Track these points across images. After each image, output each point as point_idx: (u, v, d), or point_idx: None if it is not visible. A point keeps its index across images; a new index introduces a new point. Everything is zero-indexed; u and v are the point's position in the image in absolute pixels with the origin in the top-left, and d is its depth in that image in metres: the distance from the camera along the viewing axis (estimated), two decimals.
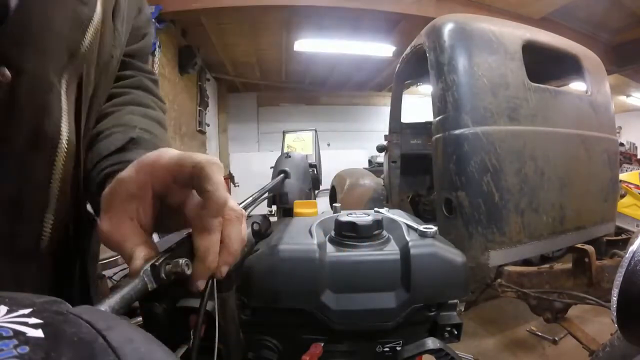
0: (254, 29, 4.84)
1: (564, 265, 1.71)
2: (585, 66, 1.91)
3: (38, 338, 0.12)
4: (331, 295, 0.41)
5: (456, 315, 0.45)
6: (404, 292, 0.41)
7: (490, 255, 1.48)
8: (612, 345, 0.90)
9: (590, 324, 1.87)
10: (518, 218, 1.51)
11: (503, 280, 1.62)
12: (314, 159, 1.70)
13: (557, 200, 1.62)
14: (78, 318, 0.14)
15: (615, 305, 0.39)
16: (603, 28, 4.58)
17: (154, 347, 0.14)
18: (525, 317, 1.96)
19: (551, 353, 1.85)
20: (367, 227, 0.44)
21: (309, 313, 0.41)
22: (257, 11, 4.12)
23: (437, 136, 1.61)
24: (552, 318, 1.60)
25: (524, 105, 1.57)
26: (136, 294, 0.25)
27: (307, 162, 1.35)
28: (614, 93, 2.61)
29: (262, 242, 0.46)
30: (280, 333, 0.43)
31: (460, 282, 0.43)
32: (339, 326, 0.41)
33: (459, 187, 1.50)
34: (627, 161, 5.65)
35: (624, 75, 5.63)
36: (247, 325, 0.43)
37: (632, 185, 2.63)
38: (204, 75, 5.79)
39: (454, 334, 0.45)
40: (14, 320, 0.13)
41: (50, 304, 0.15)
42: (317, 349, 0.41)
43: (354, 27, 4.55)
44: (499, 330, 2.08)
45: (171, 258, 0.28)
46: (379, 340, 0.43)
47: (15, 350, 0.11)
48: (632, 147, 7.62)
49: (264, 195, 0.77)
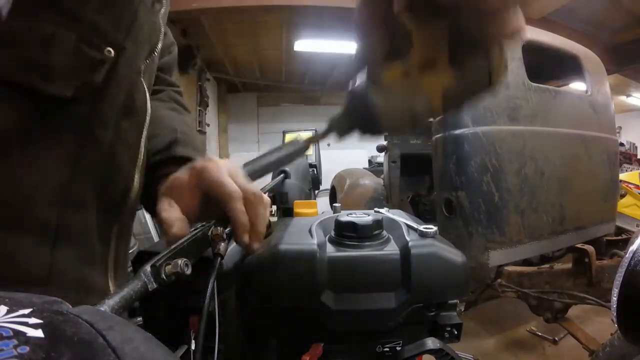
0: (254, 29, 4.84)
1: (564, 265, 1.71)
2: (585, 66, 1.91)
3: (38, 338, 0.12)
4: (331, 295, 0.41)
5: (456, 315, 0.45)
6: (404, 292, 0.41)
7: (490, 255, 1.48)
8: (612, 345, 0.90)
9: (590, 324, 1.87)
10: (518, 218, 1.51)
11: (503, 280, 1.62)
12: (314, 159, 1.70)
13: (557, 200, 1.63)
14: (78, 318, 0.14)
15: (615, 305, 0.39)
16: (603, 28, 4.58)
17: (154, 347, 0.14)
18: (525, 317, 1.96)
19: (551, 353, 1.85)
20: (367, 227, 0.44)
21: (309, 313, 0.41)
22: (257, 11, 4.12)
23: (437, 136, 1.61)
24: (552, 318, 1.60)
25: (524, 105, 1.57)
26: (136, 294, 0.25)
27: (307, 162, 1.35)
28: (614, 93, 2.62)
29: (262, 242, 0.46)
30: (280, 333, 0.43)
31: (460, 282, 0.43)
32: (339, 326, 0.41)
33: (459, 187, 1.50)
34: (627, 161, 5.65)
35: (624, 75, 5.63)
36: (247, 325, 0.43)
37: (632, 185, 2.63)
38: (203, 75, 5.79)
39: (454, 334, 0.45)
40: (14, 320, 0.13)
41: (51, 304, 0.15)
42: (317, 349, 0.41)
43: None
44: (499, 330, 2.08)
45: (173, 258, 0.28)
46: (379, 340, 0.43)
47: (16, 350, 0.11)
48: (632, 147, 7.62)
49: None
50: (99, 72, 0.33)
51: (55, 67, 0.30)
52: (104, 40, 0.33)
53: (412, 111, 0.27)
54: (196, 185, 0.38)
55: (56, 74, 0.30)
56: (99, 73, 0.33)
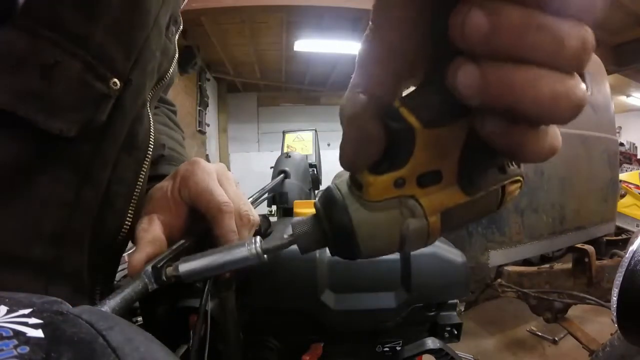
0: (254, 29, 4.84)
1: (564, 265, 1.71)
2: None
3: (38, 338, 0.12)
4: (331, 295, 0.41)
5: (456, 315, 0.45)
6: (404, 292, 0.41)
7: (490, 255, 1.48)
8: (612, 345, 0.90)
9: (590, 324, 1.87)
10: (518, 218, 1.51)
11: (503, 280, 1.62)
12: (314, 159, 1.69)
13: (557, 200, 1.63)
14: (78, 318, 0.14)
15: (615, 305, 0.39)
16: (603, 28, 4.57)
17: (154, 347, 0.14)
18: (525, 317, 1.96)
19: (551, 353, 1.85)
20: None
21: (309, 313, 0.41)
22: (257, 11, 4.12)
23: None
24: (552, 318, 1.60)
25: None
26: (136, 294, 0.25)
27: (307, 162, 1.34)
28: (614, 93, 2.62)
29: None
30: (280, 333, 0.43)
31: (460, 282, 0.43)
32: (338, 326, 0.41)
33: None
34: (627, 161, 5.66)
35: (624, 75, 5.63)
36: (247, 325, 0.43)
37: (632, 185, 2.63)
38: (203, 75, 5.79)
39: (454, 334, 0.45)
40: (14, 320, 0.13)
41: (51, 304, 0.15)
42: (317, 349, 0.41)
43: (354, 27, 4.55)
44: (499, 330, 2.08)
45: (173, 260, 0.28)
46: (379, 340, 0.43)
47: (16, 350, 0.11)
48: (632, 147, 7.62)
49: (264, 195, 0.77)
50: (104, 109, 0.30)
51: (58, 101, 0.27)
52: (110, 69, 0.30)
53: (401, 234, 0.20)
54: (180, 194, 0.34)
55: (58, 109, 0.27)
56: (103, 109, 0.30)
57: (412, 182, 0.19)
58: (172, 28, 0.41)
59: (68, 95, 0.27)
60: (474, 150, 0.18)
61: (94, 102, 0.29)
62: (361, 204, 0.20)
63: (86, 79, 0.28)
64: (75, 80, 0.28)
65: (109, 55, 0.30)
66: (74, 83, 0.28)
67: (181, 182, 0.34)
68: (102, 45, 0.29)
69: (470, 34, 0.13)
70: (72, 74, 0.27)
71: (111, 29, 0.29)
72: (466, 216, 0.21)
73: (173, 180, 0.35)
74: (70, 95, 0.28)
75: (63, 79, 0.27)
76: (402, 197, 0.20)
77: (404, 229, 0.20)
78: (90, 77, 0.28)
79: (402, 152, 0.18)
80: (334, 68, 6.37)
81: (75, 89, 0.28)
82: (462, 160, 0.19)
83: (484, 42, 0.13)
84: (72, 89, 0.28)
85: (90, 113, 0.29)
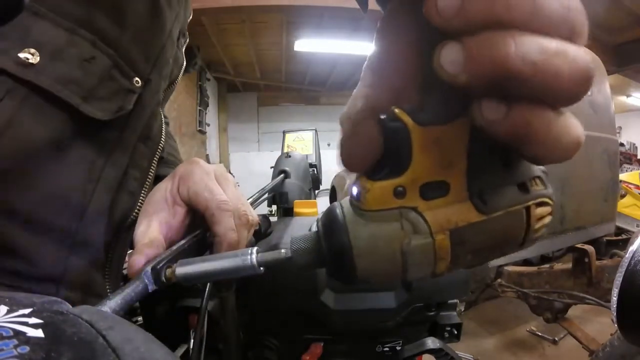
0: (253, 29, 4.84)
1: (564, 265, 1.71)
2: None
3: (38, 338, 0.12)
4: (331, 294, 0.41)
5: (456, 315, 0.45)
6: (404, 291, 0.41)
7: None
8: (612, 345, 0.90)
9: (590, 324, 1.87)
10: None
11: (503, 280, 1.62)
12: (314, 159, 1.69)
13: (557, 200, 1.62)
14: (78, 318, 0.14)
15: (615, 305, 0.39)
16: (603, 28, 4.57)
17: (154, 347, 0.14)
18: (525, 317, 1.96)
19: (551, 353, 1.85)
20: None
21: (309, 313, 0.41)
22: (257, 11, 4.11)
23: None
24: (552, 318, 1.60)
25: None
26: (136, 295, 0.25)
27: (307, 162, 1.34)
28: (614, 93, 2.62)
29: (262, 242, 0.46)
30: (280, 333, 0.43)
31: (460, 282, 0.43)
32: (338, 326, 0.41)
33: None
34: (627, 161, 5.65)
35: (624, 75, 5.63)
36: (247, 325, 0.43)
37: (632, 185, 2.63)
38: (204, 75, 5.79)
39: (454, 333, 0.45)
40: (14, 320, 0.13)
41: (51, 304, 0.15)
42: (317, 349, 0.41)
43: (354, 27, 4.55)
44: (499, 330, 2.08)
45: (172, 261, 0.28)
46: (379, 340, 0.43)
47: (16, 350, 0.11)
48: (632, 147, 7.62)
49: (264, 195, 0.77)
50: (130, 100, 0.35)
51: (93, 89, 0.31)
52: (134, 70, 0.35)
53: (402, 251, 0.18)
54: (179, 194, 0.34)
55: (94, 96, 0.31)
56: (130, 101, 0.35)
57: (415, 193, 0.17)
58: (181, 40, 0.47)
59: (101, 85, 0.32)
60: (481, 160, 0.17)
61: (123, 93, 0.34)
62: (359, 215, 0.19)
63: (114, 75, 0.33)
64: (107, 74, 0.32)
65: (133, 58, 0.35)
66: (105, 76, 0.32)
67: (180, 182, 0.35)
68: (128, 48, 0.34)
69: (444, 8, 0.13)
70: (105, 69, 0.32)
71: (135, 36, 0.35)
72: (483, 241, 0.18)
73: (172, 180, 0.36)
74: (103, 86, 0.32)
75: (97, 71, 0.32)
76: (403, 208, 0.18)
77: (404, 245, 0.18)
78: (118, 73, 0.33)
79: (401, 157, 0.17)
80: (333, 68, 6.37)
81: (106, 81, 0.32)
82: (470, 172, 0.17)
83: (459, 13, 0.13)
84: (104, 81, 0.32)
85: (120, 102, 0.34)
